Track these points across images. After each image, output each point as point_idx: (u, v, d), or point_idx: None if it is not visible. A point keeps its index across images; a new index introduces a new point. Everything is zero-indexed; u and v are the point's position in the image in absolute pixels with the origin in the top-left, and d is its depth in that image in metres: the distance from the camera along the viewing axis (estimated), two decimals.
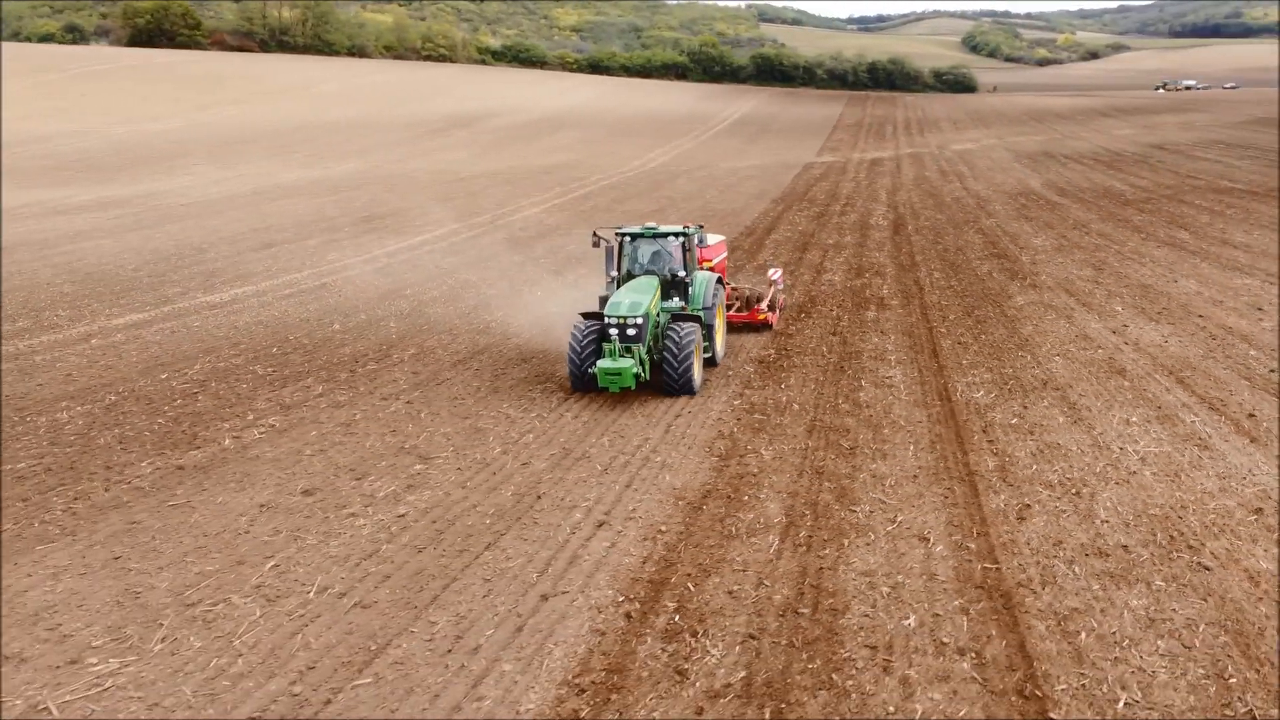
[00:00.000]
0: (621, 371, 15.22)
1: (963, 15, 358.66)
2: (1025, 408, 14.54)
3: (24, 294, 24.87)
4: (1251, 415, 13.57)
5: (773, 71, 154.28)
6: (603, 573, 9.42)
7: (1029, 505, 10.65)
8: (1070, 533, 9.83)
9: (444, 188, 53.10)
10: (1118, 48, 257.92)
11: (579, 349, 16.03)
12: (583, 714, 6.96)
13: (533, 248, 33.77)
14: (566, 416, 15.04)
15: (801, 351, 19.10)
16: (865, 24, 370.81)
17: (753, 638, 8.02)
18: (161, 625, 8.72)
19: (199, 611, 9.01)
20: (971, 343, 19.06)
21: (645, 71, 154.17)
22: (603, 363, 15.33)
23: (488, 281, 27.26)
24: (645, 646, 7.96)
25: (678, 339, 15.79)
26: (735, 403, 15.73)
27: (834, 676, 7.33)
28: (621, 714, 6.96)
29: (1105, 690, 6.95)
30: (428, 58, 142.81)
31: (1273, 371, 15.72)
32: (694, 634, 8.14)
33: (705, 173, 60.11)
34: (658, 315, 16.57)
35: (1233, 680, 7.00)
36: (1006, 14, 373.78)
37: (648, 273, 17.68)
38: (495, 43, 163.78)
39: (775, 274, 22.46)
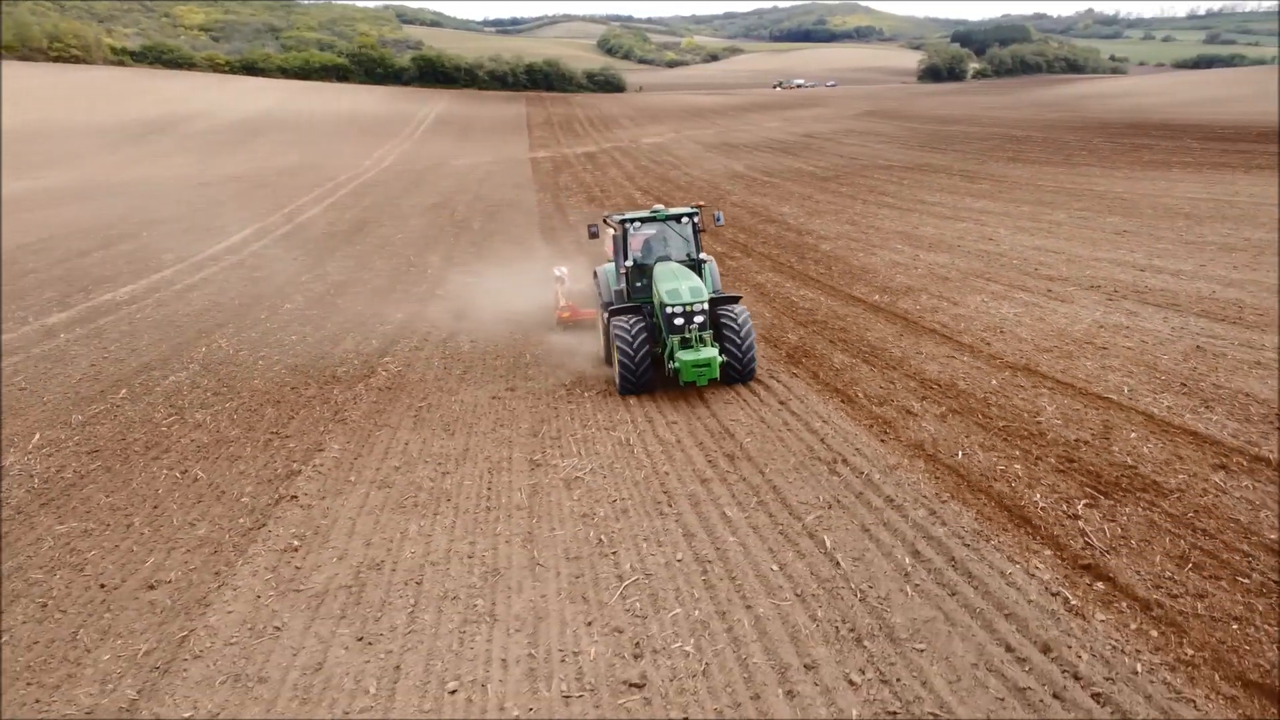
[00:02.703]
0: (710, 361, 14.31)
1: (590, 19, 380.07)
2: (916, 302, 21.72)
3: None
4: (1049, 291, 21.67)
5: (435, 74, 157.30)
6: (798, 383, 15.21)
7: (984, 338, 17.74)
8: (1021, 345, 16.96)
9: (197, 192, 52.90)
10: (733, 50, 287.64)
11: (633, 349, 14.73)
12: (894, 424, 12.88)
13: (364, 238, 36.94)
14: None
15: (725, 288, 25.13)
16: (502, 26, 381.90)
17: (924, 399, 14.32)
18: (566, 444, 13.34)
19: (579, 438, 13.66)
20: (828, 272, 26.07)
21: (304, 73, 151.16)
22: (685, 354, 14.33)
23: (372, 270, 30.51)
24: (895, 400, 13.98)
25: (736, 322, 15.13)
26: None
27: (989, 402, 13.79)
28: (912, 423, 12.96)
29: (1115, 385, 14.00)
30: (58, 59, 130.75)
31: (1037, 269, 24.22)
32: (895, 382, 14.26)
33: (448, 168, 63.93)
34: None
35: (1162, 375, 14.32)
36: (630, 18, 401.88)
37: (661, 258, 16.70)
38: (132, 44, 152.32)
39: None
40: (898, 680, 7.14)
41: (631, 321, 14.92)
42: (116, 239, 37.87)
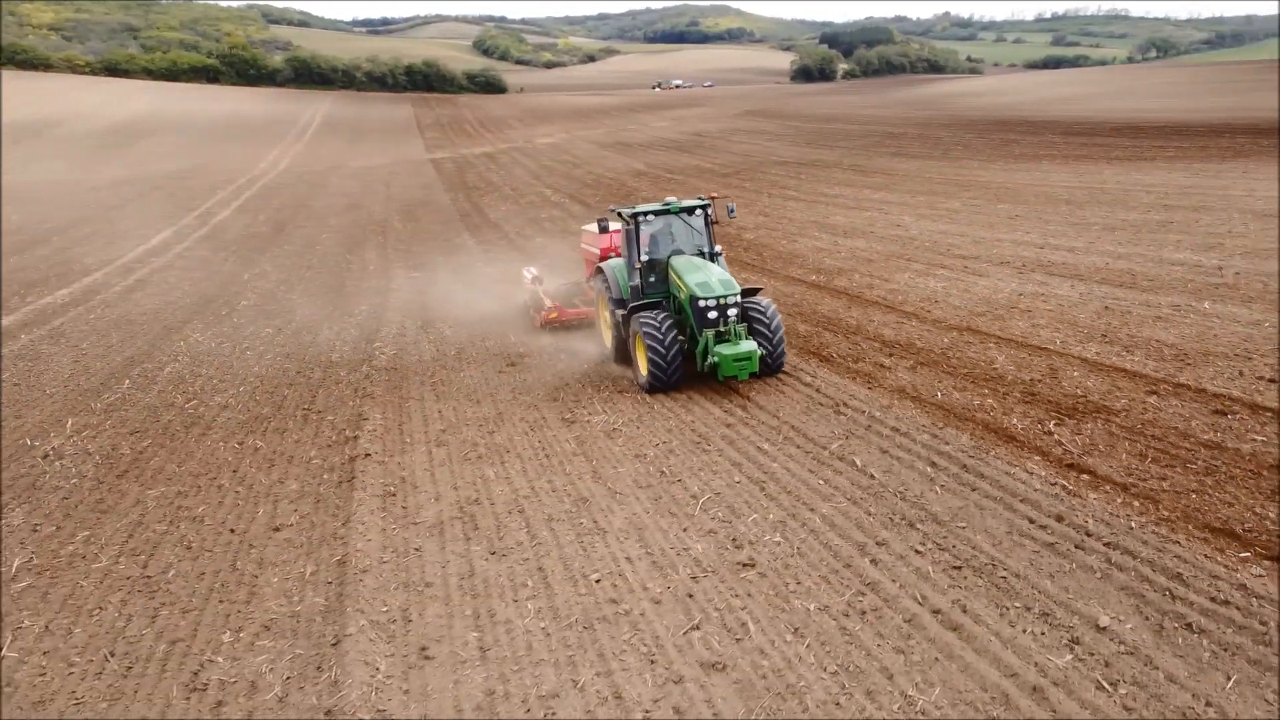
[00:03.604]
0: (751, 355, 14.11)
1: (463, 19, 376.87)
2: (851, 280, 24.08)
3: None
4: (966, 267, 24.37)
5: (311, 75, 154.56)
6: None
7: (923, 307, 20.16)
8: (957, 312, 19.43)
9: (91, 197, 51.90)
10: (610, 51, 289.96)
11: (664, 346, 14.39)
12: (873, 375, 15.03)
13: (288, 239, 37.52)
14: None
15: None
16: (372, 26, 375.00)
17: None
18: (590, 405, 15.01)
19: (598, 399, 15.34)
20: (760, 258, 28.24)
21: (172, 75, 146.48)
22: (725, 348, 14.13)
23: (312, 269, 31.33)
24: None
25: (765, 314, 15.06)
26: None
27: (948, 356, 16.10)
28: (888, 374, 15.13)
29: (1047, 339, 16.52)
30: None
31: (949, 250, 26.99)
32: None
33: (348, 170, 63.94)
34: None
35: (1083, 329, 16.92)
36: (503, 18, 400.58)
37: (675, 252, 16.23)
38: None
39: None
40: (953, 547, 9.16)
41: (660, 318, 14.52)
42: (28, 245, 37.34)
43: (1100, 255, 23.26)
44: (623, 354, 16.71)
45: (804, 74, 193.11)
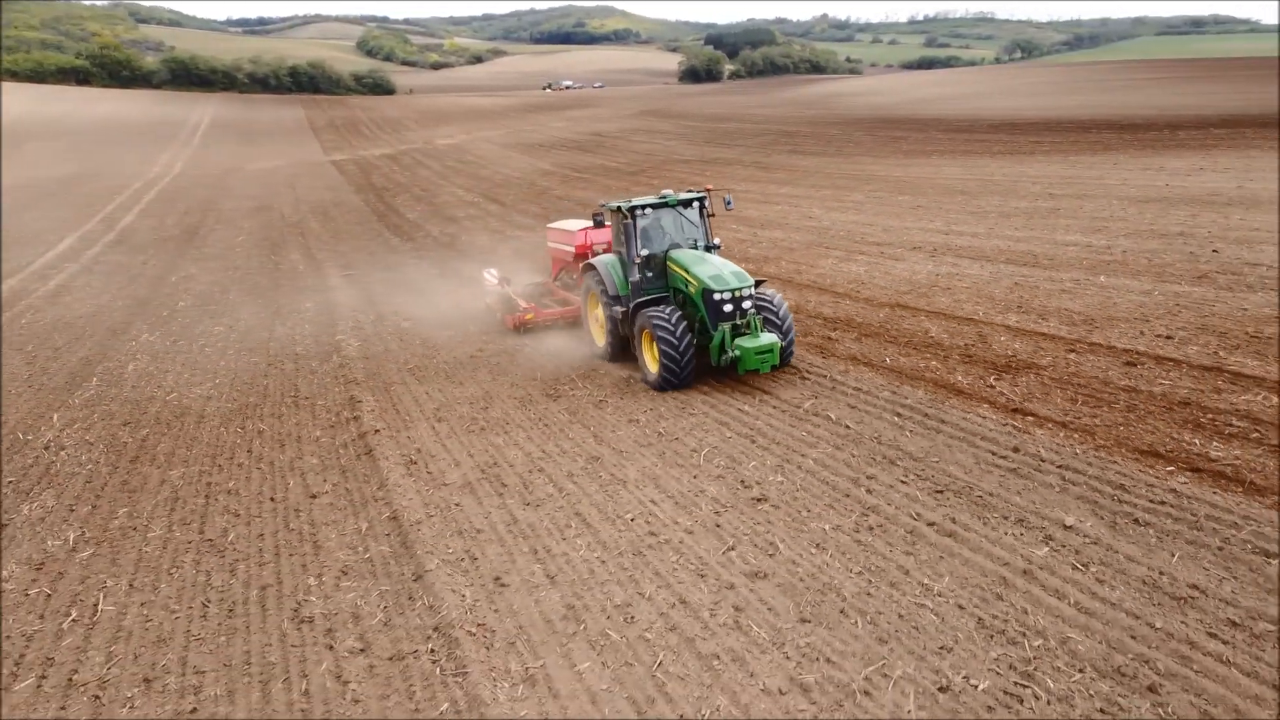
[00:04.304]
0: (772, 347, 14.08)
1: (344, 19, 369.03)
2: (779, 267, 25.80)
3: None
4: (882, 253, 26.41)
5: (190, 76, 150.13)
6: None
7: (853, 288, 21.98)
8: (885, 291, 21.29)
9: None
10: (497, 52, 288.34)
11: (677, 341, 14.25)
12: (824, 346, 16.67)
13: (204, 242, 37.56)
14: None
15: None
16: (249, 26, 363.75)
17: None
18: (571, 382, 16.22)
19: (575, 377, 16.54)
20: None
21: (38, 76, 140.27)
22: (746, 341, 14.07)
23: (240, 270, 31.62)
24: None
25: (773, 304, 15.16)
26: None
27: (887, 328, 17.87)
28: (838, 345, 16.80)
29: (971, 311, 18.48)
30: None
31: (863, 238, 29.05)
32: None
33: (247, 173, 63.13)
34: None
35: (1000, 302, 18.95)
36: (385, 18, 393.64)
37: (673, 246, 15.99)
38: None
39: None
40: (932, 476, 10.76)
41: (670, 312, 14.41)
42: None
43: (1001, 239, 25.54)
44: (619, 352, 16.68)
45: (692, 75, 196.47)
